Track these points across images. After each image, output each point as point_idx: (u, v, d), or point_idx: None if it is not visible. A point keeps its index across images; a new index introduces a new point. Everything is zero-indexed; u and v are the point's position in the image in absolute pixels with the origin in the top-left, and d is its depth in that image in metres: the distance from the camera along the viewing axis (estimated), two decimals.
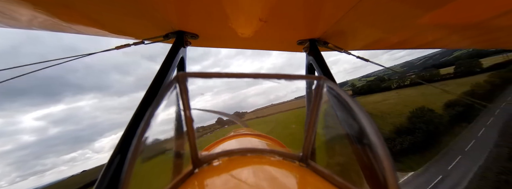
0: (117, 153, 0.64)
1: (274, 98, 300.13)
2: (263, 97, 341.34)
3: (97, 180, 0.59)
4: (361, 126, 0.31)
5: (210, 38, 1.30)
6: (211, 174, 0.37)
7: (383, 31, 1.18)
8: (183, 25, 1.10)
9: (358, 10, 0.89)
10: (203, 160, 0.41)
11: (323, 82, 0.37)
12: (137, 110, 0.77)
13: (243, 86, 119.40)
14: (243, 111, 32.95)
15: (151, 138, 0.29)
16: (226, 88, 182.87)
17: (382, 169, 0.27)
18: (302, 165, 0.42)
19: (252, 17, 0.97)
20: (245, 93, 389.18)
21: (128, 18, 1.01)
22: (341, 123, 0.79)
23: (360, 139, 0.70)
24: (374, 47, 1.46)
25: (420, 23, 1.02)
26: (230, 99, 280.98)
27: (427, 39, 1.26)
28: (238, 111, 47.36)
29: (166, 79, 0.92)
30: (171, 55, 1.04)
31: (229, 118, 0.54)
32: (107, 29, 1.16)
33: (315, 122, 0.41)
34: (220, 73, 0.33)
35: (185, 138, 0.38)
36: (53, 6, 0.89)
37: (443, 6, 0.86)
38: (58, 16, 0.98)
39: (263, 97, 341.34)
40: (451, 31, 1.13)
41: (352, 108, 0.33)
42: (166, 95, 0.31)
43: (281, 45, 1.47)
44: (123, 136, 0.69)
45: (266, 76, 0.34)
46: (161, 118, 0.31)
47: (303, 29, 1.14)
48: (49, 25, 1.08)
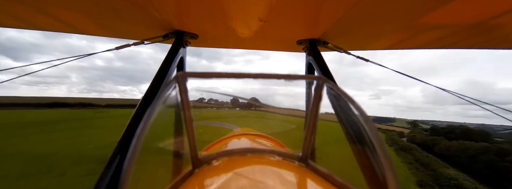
0: (117, 153, 0.64)
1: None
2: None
3: (97, 180, 0.59)
4: (361, 126, 0.31)
5: (209, 38, 1.30)
6: (211, 174, 0.37)
7: (383, 31, 1.18)
8: (182, 25, 1.10)
9: (358, 10, 0.89)
10: (203, 160, 0.41)
11: (323, 82, 0.37)
12: (136, 110, 0.77)
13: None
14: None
15: (151, 138, 0.29)
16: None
17: (382, 169, 0.27)
18: (302, 165, 0.42)
19: (251, 17, 0.97)
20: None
21: (128, 18, 1.01)
22: (341, 123, 0.79)
23: (360, 139, 0.70)
24: (374, 47, 1.46)
25: (420, 23, 1.02)
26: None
27: (427, 39, 1.26)
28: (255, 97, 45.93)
29: (166, 79, 0.92)
30: (170, 55, 1.04)
31: (247, 100, 0.51)
32: (107, 29, 1.16)
33: (314, 122, 0.41)
34: (220, 73, 0.33)
35: (185, 138, 0.38)
36: (54, 6, 0.89)
37: (444, 6, 0.86)
38: (58, 17, 0.99)
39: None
40: (451, 31, 1.13)
41: (351, 108, 0.33)
42: (166, 95, 0.31)
43: (280, 45, 1.47)
44: (123, 136, 0.69)
45: (266, 76, 0.34)
46: (161, 118, 0.31)
47: (302, 29, 1.14)
48: (49, 25, 1.08)
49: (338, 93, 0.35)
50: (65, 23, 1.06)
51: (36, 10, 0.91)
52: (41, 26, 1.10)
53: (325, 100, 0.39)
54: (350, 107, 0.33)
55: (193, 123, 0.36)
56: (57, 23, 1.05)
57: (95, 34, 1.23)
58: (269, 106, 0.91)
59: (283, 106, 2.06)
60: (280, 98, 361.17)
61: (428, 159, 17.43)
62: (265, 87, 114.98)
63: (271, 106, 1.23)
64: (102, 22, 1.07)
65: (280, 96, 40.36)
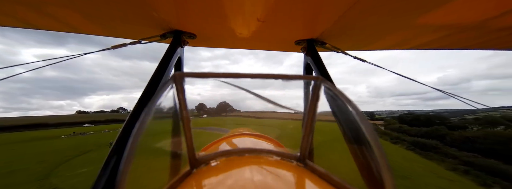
0: (113, 153, 0.64)
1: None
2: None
3: (94, 181, 0.58)
4: (358, 126, 0.32)
5: (207, 38, 1.30)
6: (209, 174, 0.37)
7: (382, 31, 1.18)
8: (180, 24, 1.09)
9: (356, 11, 0.89)
10: (200, 160, 0.41)
11: (320, 82, 0.38)
12: (133, 110, 0.76)
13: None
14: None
15: (148, 138, 0.29)
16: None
17: (379, 168, 0.27)
18: (300, 165, 0.42)
19: (249, 17, 0.97)
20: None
21: (126, 17, 1.00)
22: (338, 123, 0.80)
23: (357, 138, 0.70)
24: (372, 47, 1.46)
25: (418, 23, 1.03)
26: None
27: (425, 39, 1.27)
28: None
29: (163, 79, 0.92)
30: (168, 54, 1.03)
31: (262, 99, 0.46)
32: (104, 28, 1.15)
33: (312, 122, 0.41)
34: (217, 73, 0.33)
35: (182, 138, 0.38)
36: (51, 5, 0.88)
37: (441, 7, 0.86)
38: (56, 16, 0.98)
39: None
40: (448, 32, 1.13)
41: (348, 108, 0.33)
42: (163, 95, 0.31)
43: (278, 45, 1.47)
44: (119, 136, 0.69)
45: (264, 76, 0.34)
46: (158, 118, 0.31)
47: (301, 29, 1.15)
48: (46, 24, 1.07)
49: (335, 93, 0.35)
50: (62, 23, 1.05)
51: (32, 9, 0.90)
52: (38, 26, 1.08)
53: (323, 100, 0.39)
54: (347, 107, 0.34)
55: (191, 123, 0.36)
56: (54, 23, 1.04)
57: (92, 33, 1.21)
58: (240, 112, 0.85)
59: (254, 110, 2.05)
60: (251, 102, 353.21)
61: (398, 134, 35.34)
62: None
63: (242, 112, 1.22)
64: (100, 22, 1.06)
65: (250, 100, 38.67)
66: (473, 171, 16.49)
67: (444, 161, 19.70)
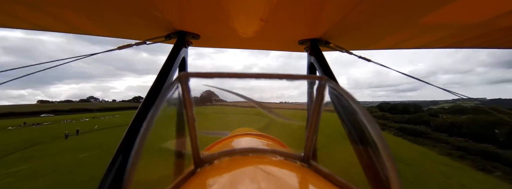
0: (119, 153, 0.65)
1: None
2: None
3: (100, 180, 0.59)
4: (363, 126, 0.31)
5: (211, 38, 1.31)
6: (213, 174, 0.37)
7: (385, 31, 1.17)
8: (184, 25, 1.10)
9: (359, 10, 0.88)
10: (204, 160, 0.41)
11: (325, 82, 0.37)
12: (139, 110, 0.77)
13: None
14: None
15: (154, 138, 0.29)
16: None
17: (385, 169, 0.27)
18: (303, 165, 0.42)
19: (253, 17, 0.97)
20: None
21: (130, 18, 1.02)
22: (343, 123, 0.79)
23: (362, 139, 0.70)
24: (376, 47, 1.45)
25: (422, 22, 1.02)
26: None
27: (429, 38, 1.25)
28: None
29: (168, 80, 0.93)
30: (172, 55, 1.04)
31: (250, 101, 0.48)
32: (109, 29, 1.17)
33: (316, 122, 0.40)
34: (222, 73, 0.33)
35: (187, 138, 0.38)
36: (55, 6, 0.89)
37: (446, 6, 0.85)
38: (60, 16, 0.99)
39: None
40: (453, 31, 1.12)
41: (354, 108, 0.33)
42: (168, 95, 0.32)
43: (282, 45, 1.46)
44: (126, 136, 0.70)
45: (268, 76, 0.34)
46: (164, 117, 0.31)
47: (304, 29, 1.14)
48: (51, 25, 1.09)
49: (341, 93, 0.35)
50: (66, 23, 1.06)
51: (37, 10, 0.92)
52: (43, 27, 1.10)
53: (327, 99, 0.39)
54: (352, 107, 0.33)
55: (196, 123, 0.36)
56: (58, 23, 1.06)
57: (96, 34, 1.23)
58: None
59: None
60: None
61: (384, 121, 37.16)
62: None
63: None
64: (104, 22, 1.07)
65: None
66: (468, 156, 16.53)
67: (436, 146, 19.80)
